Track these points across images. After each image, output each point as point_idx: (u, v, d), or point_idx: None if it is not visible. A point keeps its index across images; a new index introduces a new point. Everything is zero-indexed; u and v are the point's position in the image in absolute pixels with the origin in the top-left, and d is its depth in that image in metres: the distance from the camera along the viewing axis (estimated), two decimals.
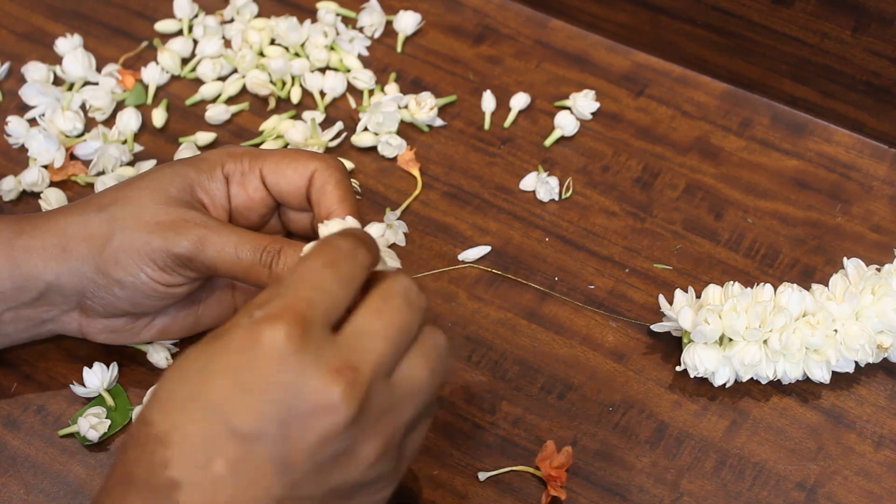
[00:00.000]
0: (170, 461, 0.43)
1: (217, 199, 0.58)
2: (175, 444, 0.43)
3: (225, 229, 0.55)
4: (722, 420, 0.61)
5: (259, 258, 0.54)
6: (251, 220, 0.59)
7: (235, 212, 0.59)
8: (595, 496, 0.58)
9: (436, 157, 0.71)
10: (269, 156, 0.58)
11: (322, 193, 0.57)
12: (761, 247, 0.67)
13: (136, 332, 0.59)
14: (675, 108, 0.73)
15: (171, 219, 0.55)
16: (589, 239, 0.67)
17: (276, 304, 0.44)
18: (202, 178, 0.57)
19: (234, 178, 0.58)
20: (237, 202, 0.58)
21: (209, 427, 0.43)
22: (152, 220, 0.55)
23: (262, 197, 0.58)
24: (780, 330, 0.59)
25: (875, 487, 0.59)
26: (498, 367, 0.62)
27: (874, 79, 0.69)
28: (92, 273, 0.56)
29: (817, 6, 0.68)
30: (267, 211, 0.59)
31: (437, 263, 0.66)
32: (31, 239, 0.56)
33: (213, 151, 0.59)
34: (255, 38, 0.74)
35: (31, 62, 0.74)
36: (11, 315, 0.57)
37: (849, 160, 0.71)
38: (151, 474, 0.43)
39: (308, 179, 0.57)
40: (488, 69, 0.75)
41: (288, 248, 0.55)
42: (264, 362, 0.43)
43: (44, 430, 0.60)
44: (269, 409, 0.43)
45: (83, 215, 0.56)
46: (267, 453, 0.43)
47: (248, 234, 0.55)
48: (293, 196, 0.58)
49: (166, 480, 0.43)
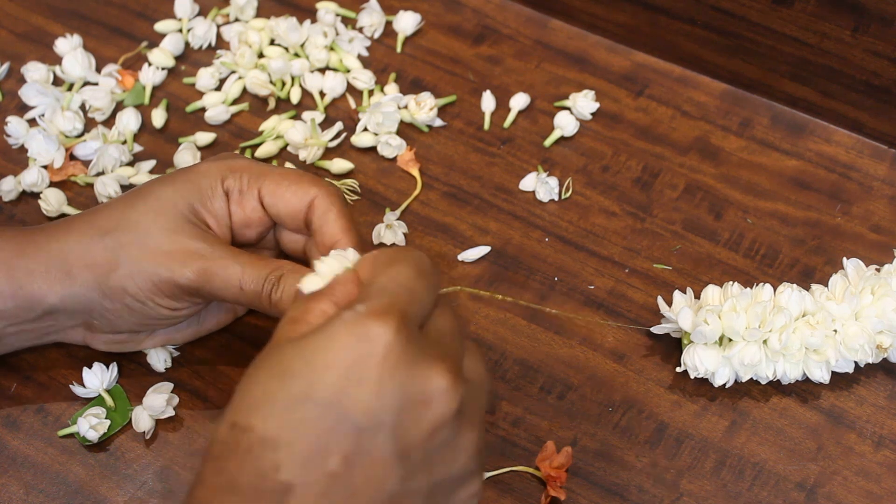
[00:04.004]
0: (281, 464, 0.42)
1: (220, 218, 0.57)
2: (286, 445, 0.42)
3: (229, 259, 0.55)
4: (722, 420, 0.61)
5: (261, 288, 0.54)
6: (248, 237, 0.59)
7: (234, 229, 0.58)
8: (595, 496, 0.58)
9: (436, 157, 0.71)
10: (268, 175, 0.57)
11: (324, 222, 0.56)
12: (761, 247, 0.67)
13: (140, 342, 0.60)
14: (675, 108, 0.73)
15: (177, 249, 0.55)
16: (589, 239, 0.67)
17: (381, 302, 0.44)
18: (204, 199, 0.57)
19: (233, 196, 0.57)
20: (235, 219, 0.58)
21: (324, 423, 0.42)
22: (158, 250, 0.55)
23: (259, 217, 0.58)
24: (779, 330, 0.59)
25: (875, 487, 0.59)
26: (498, 367, 0.62)
27: (874, 79, 0.69)
28: (98, 298, 0.56)
29: (817, 6, 0.68)
30: (264, 229, 0.59)
31: (437, 263, 0.66)
32: (32, 261, 0.56)
33: (214, 164, 0.58)
34: (254, 38, 0.74)
35: (31, 62, 0.74)
36: (14, 329, 0.57)
37: (849, 160, 0.71)
38: (262, 480, 0.42)
39: (307, 205, 0.57)
40: (488, 69, 0.75)
41: (287, 276, 0.54)
42: (377, 355, 0.43)
43: (44, 430, 0.60)
44: (385, 401, 0.43)
45: (85, 239, 0.56)
46: (383, 445, 0.43)
47: (251, 264, 0.55)
48: (290, 219, 0.58)
49: (278, 485, 0.42)
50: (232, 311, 0.62)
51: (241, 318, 0.63)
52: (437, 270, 0.49)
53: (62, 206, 0.67)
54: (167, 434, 0.60)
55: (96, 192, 0.67)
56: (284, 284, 0.54)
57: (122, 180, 0.68)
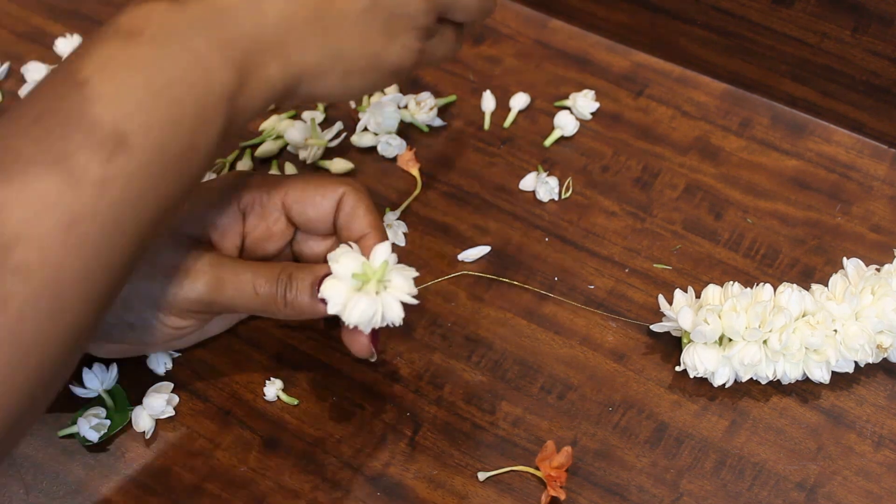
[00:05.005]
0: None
1: (227, 235, 0.56)
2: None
3: (239, 267, 0.54)
4: (722, 420, 0.61)
5: (275, 289, 0.54)
6: (267, 252, 0.58)
7: (251, 245, 0.57)
8: (595, 496, 0.58)
9: (436, 158, 0.71)
10: (291, 184, 0.57)
11: (352, 218, 0.56)
12: (761, 247, 0.67)
13: (141, 350, 0.60)
14: (675, 108, 0.73)
15: (184, 263, 0.54)
16: (589, 239, 0.67)
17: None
18: (213, 214, 0.56)
19: (253, 211, 0.57)
20: (255, 234, 0.57)
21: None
22: (165, 265, 0.54)
23: (282, 228, 0.57)
24: (779, 330, 0.59)
25: (875, 487, 0.59)
26: (498, 367, 0.62)
27: (874, 79, 0.69)
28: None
29: (817, 6, 0.68)
30: (283, 243, 0.58)
31: (437, 263, 0.66)
32: None
33: (225, 180, 0.57)
34: None
35: (31, 62, 0.74)
36: None
37: (849, 160, 0.71)
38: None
39: (336, 203, 0.56)
40: (488, 69, 0.75)
41: (297, 272, 0.54)
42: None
43: (44, 430, 0.60)
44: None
45: None
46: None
47: (260, 268, 0.54)
48: (320, 222, 0.57)
49: None
50: (235, 315, 0.62)
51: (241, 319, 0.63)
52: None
53: None
54: (167, 434, 0.60)
55: None
56: (297, 282, 0.53)
57: None
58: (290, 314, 0.54)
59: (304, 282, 0.53)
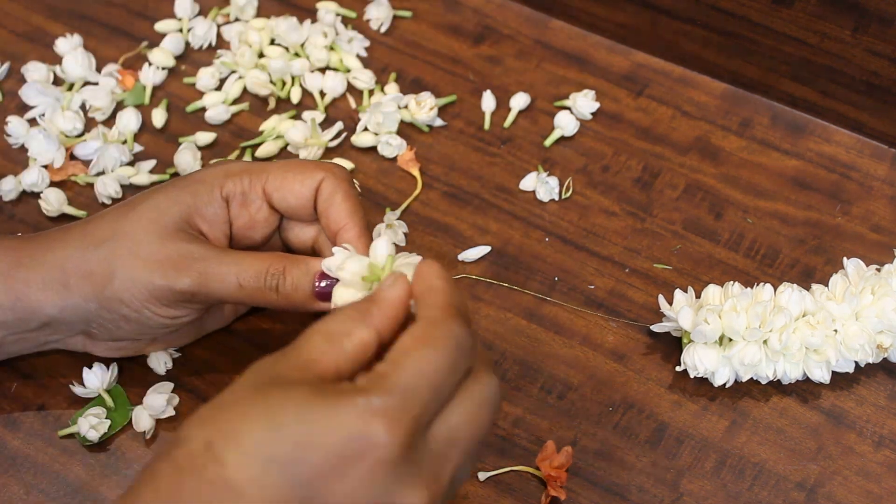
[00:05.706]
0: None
1: (215, 225, 0.57)
2: (246, 500, 0.41)
3: (225, 259, 0.54)
4: (722, 420, 0.61)
5: (263, 283, 0.54)
6: (254, 240, 0.58)
7: (237, 234, 0.58)
8: (595, 496, 0.58)
9: (436, 157, 0.71)
10: (271, 171, 0.57)
11: (330, 205, 0.56)
12: (761, 247, 0.67)
13: (140, 348, 0.60)
14: (675, 108, 0.73)
15: (170, 255, 0.54)
16: (589, 239, 0.67)
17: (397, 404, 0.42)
18: (199, 205, 0.56)
19: (235, 199, 0.57)
20: (239, 223, 0.57)
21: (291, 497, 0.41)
22: (151, 258, 0.54)
23: (265, 216, 0.57)
24: (779, 330, 0.59)
25: (875, 487, 0.59)
26: (498, 368, 0.62)
27: (874, 79, 0.69)
28: (96, 308, 0.55)
29: (817, 6, 0.68)
30: (269, 230, 0.58)
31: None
32: (30, 272, 0.55)
33: (210, 171, 0.57)
34: (254, 38, 0.74)
35: (31, 62, 0.74)
36: (14, 338, 0.57)
37: (849, 160, 0.71)
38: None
39: (315, 190, 0.56)
40: (488, 69, 0.75)
41: (291, 266, 0.54)
42: (369, 458, 0.42)
43: (44, 430, 0.60)
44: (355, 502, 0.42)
45: (81, 250, 0.55)
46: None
47: (248, 261, 0.54)
48: (302, 209, 0.57)
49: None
50: (233, 310, 0.62)
51: (241, 318, 0.63)
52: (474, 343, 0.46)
53: (62, 206, 0.67)
54: (167, 434, 0.60)
55: (96, 192, 0.67)
56: (292, 275, 0.54)
57: (123, 180, 0.68)
58: (283, 306, 0.54)
59: (302, 276, 0.54)
